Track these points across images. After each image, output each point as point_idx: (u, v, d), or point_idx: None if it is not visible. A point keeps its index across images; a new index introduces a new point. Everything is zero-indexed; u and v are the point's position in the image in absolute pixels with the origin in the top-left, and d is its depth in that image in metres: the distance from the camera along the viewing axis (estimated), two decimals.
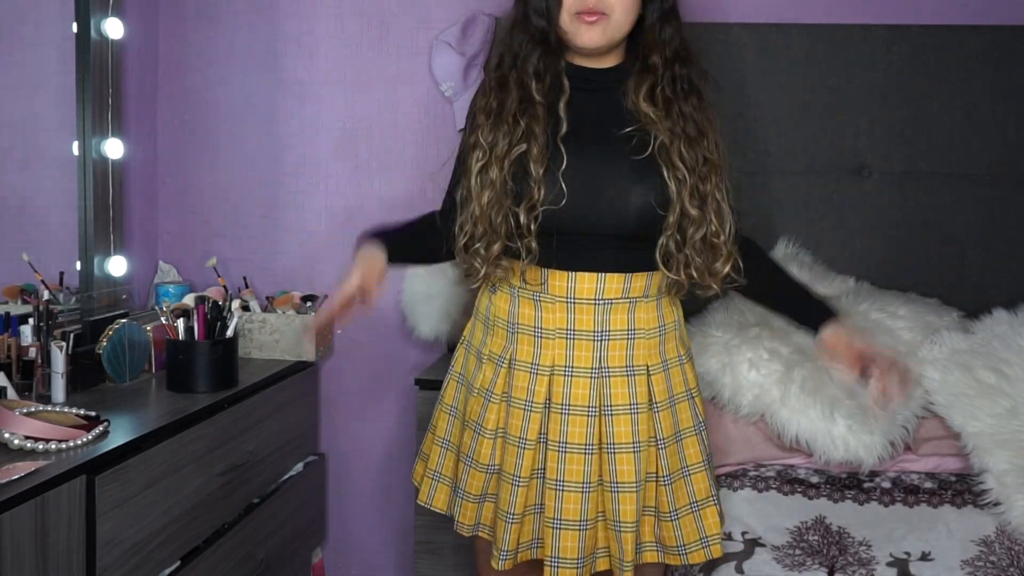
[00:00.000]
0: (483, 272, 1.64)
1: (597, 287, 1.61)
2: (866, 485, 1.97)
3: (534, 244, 1.59)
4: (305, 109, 2.61)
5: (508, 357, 1.67)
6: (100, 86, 2.27)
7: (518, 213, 1.58)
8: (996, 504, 1.85)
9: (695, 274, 1.61)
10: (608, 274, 1.61)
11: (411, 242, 1.78)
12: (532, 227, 1.58)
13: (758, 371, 2.01)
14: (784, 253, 2.35)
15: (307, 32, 2.59)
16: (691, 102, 1.63)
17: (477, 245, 1.62)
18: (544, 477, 1.63)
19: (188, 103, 2.63)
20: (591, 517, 1.63)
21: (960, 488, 1.94)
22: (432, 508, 1.78)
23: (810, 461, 2.03)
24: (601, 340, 1.63)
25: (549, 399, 1.63)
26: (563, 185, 1.57)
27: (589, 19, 1.58)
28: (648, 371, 1.65)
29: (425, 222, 1.78)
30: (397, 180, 2.59)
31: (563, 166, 1.58)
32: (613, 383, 1.63)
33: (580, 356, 1.63)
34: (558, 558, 1.61)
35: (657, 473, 1.65)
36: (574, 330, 1.63)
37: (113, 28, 2.29)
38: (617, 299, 1.62)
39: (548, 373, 1.63)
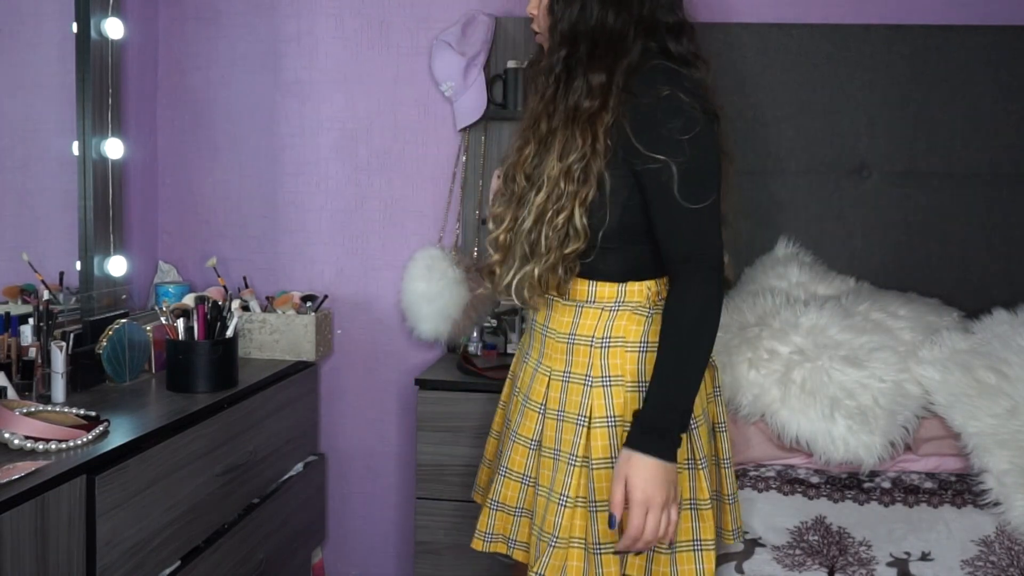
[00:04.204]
0: None
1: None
2: (866, 485, 1.97)
3: None
4: (305, 109, 2.61)
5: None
6: (100, 86, 2.27)
7: None
8: (996, 504, 1.85)
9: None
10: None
11: None
12: None
13: (758, 371, 2.01)
14: (784, 253, 2.35)
15: (307, 32, 2.59)
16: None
17: None
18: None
19: (188, 103, 2.63)
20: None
21: (960, 488, 1.94)
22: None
23: (810, 461, 2.03)
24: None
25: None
26: None
27: None
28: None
29: None
30: (397, 180, 2.59)
31: None
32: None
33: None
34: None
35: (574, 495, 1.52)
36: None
37: (113, 28, 2.28)
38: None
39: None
